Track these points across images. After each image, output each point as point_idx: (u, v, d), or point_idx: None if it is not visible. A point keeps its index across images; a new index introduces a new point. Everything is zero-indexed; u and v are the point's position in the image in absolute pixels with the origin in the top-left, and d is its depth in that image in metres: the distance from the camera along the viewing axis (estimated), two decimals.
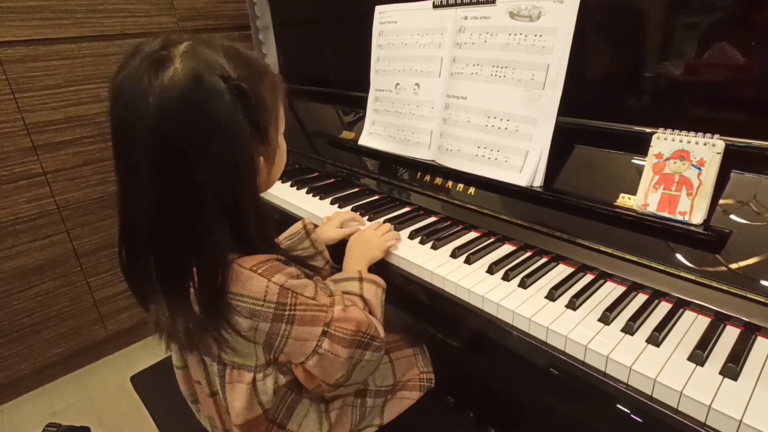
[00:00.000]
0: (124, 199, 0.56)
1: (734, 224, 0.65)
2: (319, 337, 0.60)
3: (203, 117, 0.50)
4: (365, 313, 0.67)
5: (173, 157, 0.51)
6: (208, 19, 1.70)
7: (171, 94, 0.49)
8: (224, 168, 0.52)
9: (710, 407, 0.49)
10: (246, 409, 0.62)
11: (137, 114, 0.49)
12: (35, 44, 1.38)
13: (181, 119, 0.50)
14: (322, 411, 0.73)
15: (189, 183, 0.52)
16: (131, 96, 0.50)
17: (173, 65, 0.50)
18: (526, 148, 0.85)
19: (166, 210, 0.52)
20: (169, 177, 0.51)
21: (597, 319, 0.64)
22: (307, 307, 0.59)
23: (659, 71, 0.75)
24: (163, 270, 0.56)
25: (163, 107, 0.49)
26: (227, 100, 0.51)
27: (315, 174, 1.30)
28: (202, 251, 0.54)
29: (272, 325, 0.57)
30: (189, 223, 0.53)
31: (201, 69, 0.51)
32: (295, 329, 0.59)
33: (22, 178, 1.43)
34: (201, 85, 0.50)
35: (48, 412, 1.53)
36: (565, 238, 0.78)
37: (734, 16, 0.67)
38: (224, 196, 0.53)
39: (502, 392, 1.00)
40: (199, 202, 0.52)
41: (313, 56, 1.49)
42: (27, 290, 1.50)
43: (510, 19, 0.86)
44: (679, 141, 0.68)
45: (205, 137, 0.51)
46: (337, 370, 0.63)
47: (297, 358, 0.61)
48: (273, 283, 0.56)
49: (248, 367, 0.60)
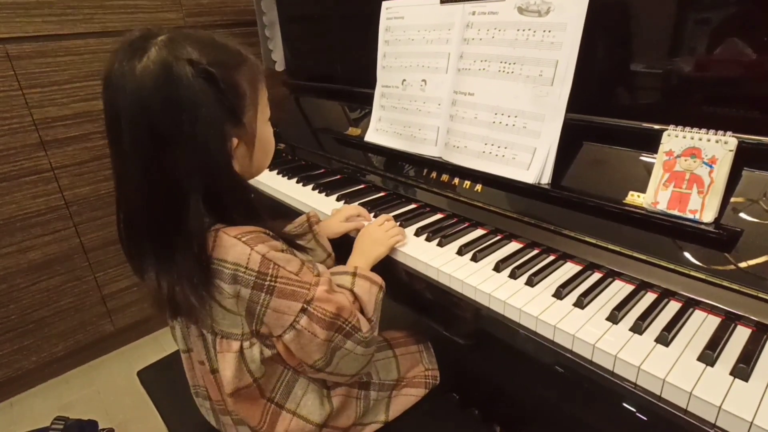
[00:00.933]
0: (117, 182, 0.61)
1: (746, 223, 0.64)
2: (298, 313, 0.61)
3: (173, 101, 0.54)
4: (350, 303, 0.67)
5: (151, 138, 0.55)
6: (214, 15, 1.70)
7: (144, 79, 0.54)
8: (196, 149, 0.56)
9: (720, 408, 0.49)
10: (236, 377, 0.64)
11: (119, 101, 0.55)
12: (43, 40, 1.38)
13: (153, 102, 0.54)
14: (324, 395, 0.73)
15: (166, 163, 0.56)
16: (114, 84, 0.55)
17: (147, 54, 0.55)
18: (533, 145, 0.84)
19: (149, 189, 0.57)
20: (150, 158, 0.56)
21: (605, 318, 0.63)
22: (288, 281, 0.61)
23: (669, 67, 0.73)
24: (156, 244, 0.60)
25: (138, 91, 0.54)
26: (194, 84, 0.55)
27: (321, 170, 1.30)
28: (184, 226, 0.57)
29: (252, 292, 0.59)
30: (172, 202, 0.57)
31: (171, 57, 0.55)
32: (274, 300, 0.60)
33: (31, 174, 1.44)
34: (170, 71, 0.54)
35: (56, 406, 1.55)
36: (573, 236, 0.77)
37: (746, 12, 0.66)
38: (199, 175, 0.57)
39: (508, 390, 1.00)
40: (177, 181, 0.56)
41: (319, 52, 1.49)
42: (35, 285, 1.52)
43: (518, 15, 0.85)
44: (690, 138, 0.67)
45: (175, 118, 0.55)
46: (315, 351, 0.63)
47: (275, 330, 0.63)
48: (255, 251, 0.59)
49: (235, 336, 0.63)
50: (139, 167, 0.56)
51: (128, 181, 0.59)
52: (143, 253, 0.63)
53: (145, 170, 0.56)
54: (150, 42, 0.55)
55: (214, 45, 0.59)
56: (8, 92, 1.35)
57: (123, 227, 0.63)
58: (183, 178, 0.56)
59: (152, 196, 0.57)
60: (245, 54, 0.63)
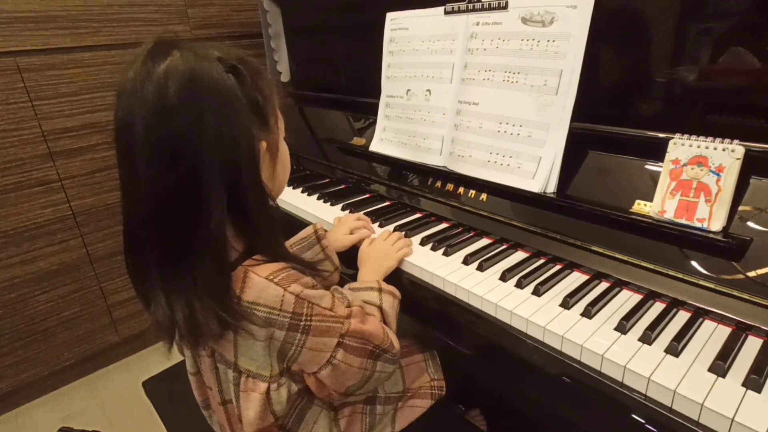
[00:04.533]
0: (126, 195, 0.57)
1: (754, 231, 0.63)
2: (334, 348, 0.60)
3: (199, 94, 0.52)
4: (382, 324, 0.67)
5: (171, 135, 0.51)
6: (221, 27, 1.72)
7: (169, 79, 0.51)
8: (223, 142, 0.53)
9: (733, 420, 0.48)
10: (259, 419, 0.61)
11: (135, 105, 0.51)
12: (53, 53, 1.41)
13: (178, 99, 0.51)
14: (331, 418, 0.72)
15: (190, 160, 0.52)
16: (131, 91, 0.52)
17: (171, 55, 0.53)
18: (538, 154, 0.84)
19: (168, 193, 0.53)
20: (170, 157, 0.52)
21: (613, 328, 0.62)
22: (323, 318, 0.59)
23: (675, 76, 0.73)
24: (165, 258, 0.55)
25: (160, 92, 0.51)
26: (224, 75, 0.54)
27: (326, 180, 1.30)
28: (204, 233, 0.53)
29: (287, 333, 0.57)
30: (192, 203, 0.53)
31: (198, 57, 0.53)
32: (310, 339, 0.58)
33: (39, 184, 1.45)
34: (198, 68, 0.52)
35: (60, 416, 1.54)
36: (580, 245, 0.77)
37: (751, 20, 0.66)
38: (224, 172, 0.53)
39: (515, 401, 0.99)
40: (200, 179, 0.52)
41: (324, 63, 1.50)
42: (41, 294, 1.52)
43: (522, 25, 0.85)
44: (696, 147, 0.67)
45: (200, 110, 0.52)
46: (349, 379, 0.63)
47: (310, 367, 0.61)
48: (289, 292, 0.56)
49: (263, 377, 0.60)
50: (155, 170, 0.52)
51: (139, 190, 0.54)
52: (150, 274, 0.57)
53: (162, 173, 0.52)
54: (170, 48, 0.54)
55: (235, 50, 0.59)
56: (18, 104, 1.37)
57: (129, 245, 0.58)
58: (205, 174, 0.52)
59: (168, 200, 0.53)
60: (262, 67, 0.63)
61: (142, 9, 1.53)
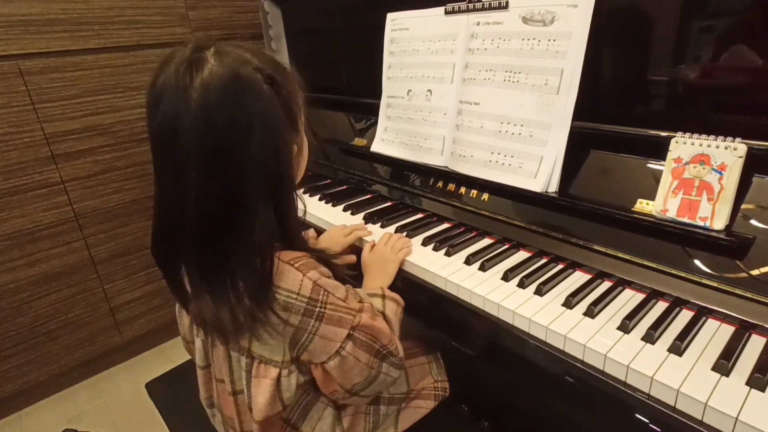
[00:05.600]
0: (165, 200, 0.57)
1: (757, 230, 0.63)
2: (344, 339, 0.61)
3: (245, 106, 0.53)
4: (387, 326, 0.68)
5: (220, 148, 0.52)
6: (222, 29, 1.72)
7: (213, 88, 0.51)
8: (267, 155, 0.55)
9: (737, 419, 0.48)
10: (269, 405, 0.62)
11: (180, 113, 0.51)
12: (54, 56, 1.41)
13: (224, 111, 0.52)
14: (335, 416, 0.72)
15: (236, 173, 0.54)
16: (172, 97, 0.52)
17: (209, 63, 0.52)
18: (540, 154, 0.84)
19: (214, 202, 0.54)
20: (217, 169, 0.53)
21: (616, 328, 0.62)
22: (336, 307, 0.60)
23: (677, 74, 0.73)
24: (208, 263, 0.57)
25: (206, 102, 0.51)
26: (265, 89, 0.54)
27: (327, 181, 1.30)
28: (248, 240, 0.55)
29: (302, 319, 0.58)
30: (237, 212, 0.55)
31: (236, 64, 0.53)
32: (323, 327, 0.60)
33: (41, 187, 1.45)
34: (239, 77, 0.53)
35: (64, 418, 1.55)
36: (582, 245, 0.77)
37: (754, 18, 0.66)
38: (268, 183, 0.56)
39: (518, 402, 0.99)
40: (246, 190, 0.55)
41: (325, 64, 1.50)
42: (45, 297, 1.53)
43: (523, 24, 0.85)
44: (698, 145, 0.67)
45: (248, 126, 0.53)
46: (356, 375, 0.63)
47: (319, 357, 0.62)
48: (307, 278, 0.58)
49: (275, 363, 0.61)
50: (201, 179, 0.53)
51: (182, 197, 0.54)
52: (190, 276, 0.59)
53: (208, 182, 0.53)
54: (204, 53, 0.53)
55: (262, 53, 0.58)
56: (21, 107, 1.37)
57: (166, 248, 0.59)
58: (253, 186, 0.54)
59: (213, 209, 0.54)
60: (285, 65, 0.63)
61: (143, 11, 1.53)
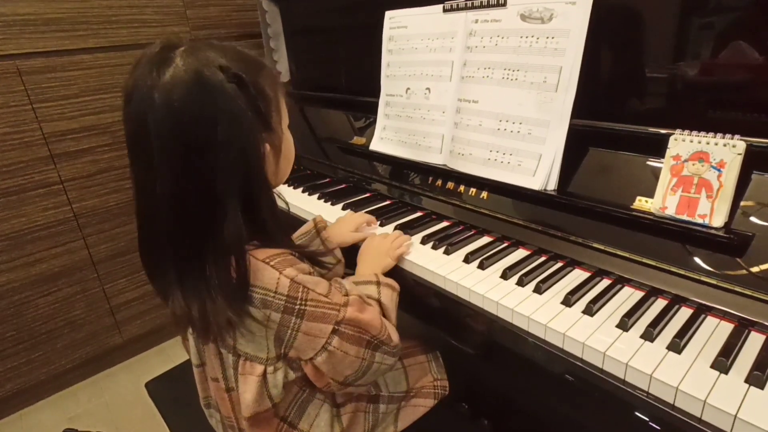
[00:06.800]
0: (140, 196, 0.59)
1: (756, 227, 0.63)
2: (329, 335, 0.61)
3: (207, 106, 0.54)
4: (380, 317, 0.67)
5: (185, 148, 0.54)
6: (220, 27, 1.72)
7: (175, 88, 0.53)
8: (233, 154, 0.55)
9: (736, 417, 0.48)
10: (256, 402, 0.62)
11: (146, 112, 0.53)
12: (53, 55, 1.41)
13: (186, 111, 0.53)
14: (334, 414, 0.72)
15: (202, 171, 0.55)
16: (140, 97, 0.53)
17: (174, 63, 0.54)
18: (539, 152, 0.84)
19: (183, 200, 0.55)
20: (183, 168, 0.54)
21: (615, 326, 0.62)
22: (318, 303, 0.60)
23: (675, 71, 0.73)
24: (181, 259, 0.58)
25: (169, 101, 0.52)
26: (227, 88, 0.55)
27: (326, 180, 1.30)
28: (219, 238, 0.56)
29: (283, 316, 0.58)
30: (206, 211, 0.56)
31: (200, 64, 0.54)
32: (305, 324, 0.59)
33: (41, 187, 1.45)
34: (201, 77, 0.54)
35: (65, 418, 1.55)
36: (581, 243, 0.77)
37: (752, 14, 0.65)
38: (236, 182, 0.56)
39: (518, 400, 0.99)
40: (213, 189, 0.55)
41: (323, 63, 1.50)
42: (44, 297, 1.53)
43: (521, 22, 0.85)
44: (697, 142, 0.67)
45: (211, 125, 0.54)
46: (347, 368, 0.63)
47: (306, 353, 0.62)
48: (284, 276, 0.58)
49: (260, 359, 0.61)
50: (169, 178, 0.54)
51: (153, 194, 0.56)
52: (167, 271, 0.59)
53: (176, 181, 0.54)
54: (173, 52, 0.55)
55: (235, 51, 0.59)
56: (19, 107, 1.37)
57: (145, 244, 0.61)
58: (219, 185, 0.55)
59: (183, 207, 0.56)
60: (262, 60, 0.63)
61: (141, 10, 1.53)
